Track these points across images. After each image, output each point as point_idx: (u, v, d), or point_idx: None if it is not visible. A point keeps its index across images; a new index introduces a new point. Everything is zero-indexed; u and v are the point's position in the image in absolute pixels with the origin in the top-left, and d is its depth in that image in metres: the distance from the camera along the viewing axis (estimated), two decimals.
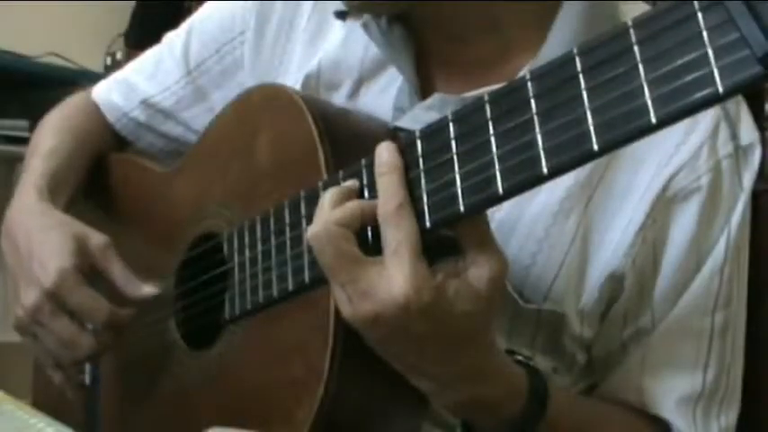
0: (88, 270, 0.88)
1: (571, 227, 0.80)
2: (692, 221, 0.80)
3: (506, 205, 0.72)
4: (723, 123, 0.80)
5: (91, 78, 2.85)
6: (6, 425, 0.77)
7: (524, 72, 0.77)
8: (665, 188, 0.79)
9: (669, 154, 0.79)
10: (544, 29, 0.79)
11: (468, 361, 0.68)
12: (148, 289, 0.88)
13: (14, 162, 3.01)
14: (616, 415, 0.83)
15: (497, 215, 0.79)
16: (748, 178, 0.82)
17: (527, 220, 0.80)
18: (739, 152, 0.81)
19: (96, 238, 0.90)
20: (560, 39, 0.78)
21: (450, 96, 0.81)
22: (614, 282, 0.81)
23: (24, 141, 2.80)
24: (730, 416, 0.85)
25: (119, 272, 0.89)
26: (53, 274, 0.86)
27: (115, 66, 2.85)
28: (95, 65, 2.98)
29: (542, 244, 0.80)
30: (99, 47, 3.04)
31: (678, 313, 0.81)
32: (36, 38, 2.95)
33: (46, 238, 0.90)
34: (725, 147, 0.80)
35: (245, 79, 0.97)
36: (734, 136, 0.81)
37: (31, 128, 2.79)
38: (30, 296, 0.88)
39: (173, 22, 1.15)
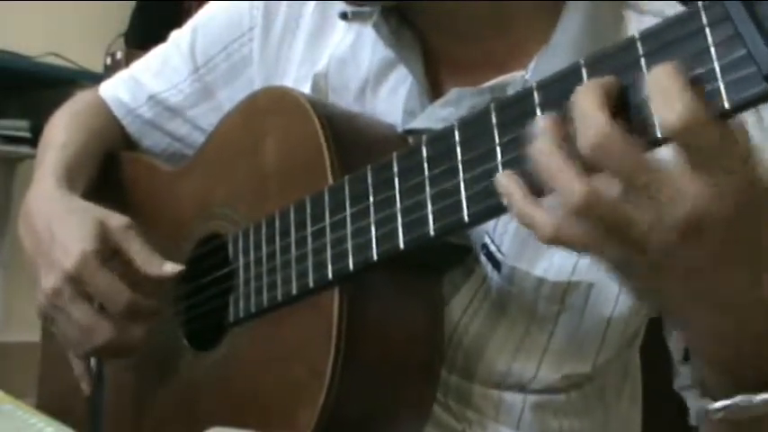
0: (111, 255, 0.86)
1: None
2: None
3: None
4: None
5: (91, 78, 2.88)
6: (6, 425, 0.76)
7: (533, 63, 0.78)
8: None
9: None
10: (552, 20, 0.79)
11: None
12: (169, 268, 0.85)
13: (14, 162, 3.01)
14: None
15: None
16: None
17: None
18: None
19: (117, 219, 0.88)
20: (567, 34, 0.78)
21: (467, 89, 0.80)
22: None
23: (24, 141, 2.83)
24: None
25: (140, 251, 0.86)
26: (75, 258, 0.84)
27: (115, 66, 2.84)
28: (95, 65, 2.98)
29: None
30: (99, 47, 3.04)
31: None
32: (36, 38, 2.95)
33: (67, 223, 0.88)
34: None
35: (254, 76, 0.97)
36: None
37: (32, 128, 2.82)
38: (50, 280, 0.86)
39: (173, 22, 1.14)
